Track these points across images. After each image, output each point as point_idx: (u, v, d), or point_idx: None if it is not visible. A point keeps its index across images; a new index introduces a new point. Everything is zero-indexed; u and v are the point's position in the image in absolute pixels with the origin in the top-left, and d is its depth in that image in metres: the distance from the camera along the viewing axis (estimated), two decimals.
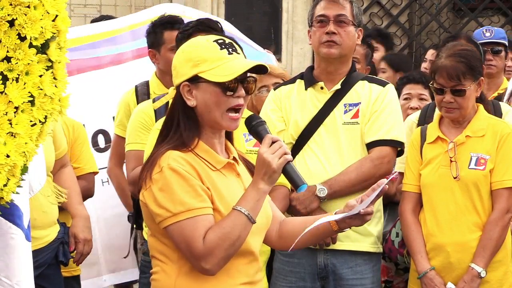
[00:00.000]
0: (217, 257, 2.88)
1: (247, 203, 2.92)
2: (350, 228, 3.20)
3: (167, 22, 5.46)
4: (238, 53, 3.02)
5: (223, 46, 2.99)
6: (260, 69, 3.03)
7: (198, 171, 2.94)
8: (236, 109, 2.99)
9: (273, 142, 2.96)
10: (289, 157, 2.97)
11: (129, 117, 5.49)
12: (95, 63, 6.16)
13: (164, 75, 5.48)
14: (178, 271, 2.96)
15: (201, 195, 2.90)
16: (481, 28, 6.53)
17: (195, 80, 2.97)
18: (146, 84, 5.57)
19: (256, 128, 3.06)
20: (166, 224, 2.90)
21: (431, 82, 4.38)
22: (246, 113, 4.36)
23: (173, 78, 3.03)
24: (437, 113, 4.79)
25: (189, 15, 6.29)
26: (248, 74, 3.01)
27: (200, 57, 2.96)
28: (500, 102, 4.85)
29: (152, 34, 5.49)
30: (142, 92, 5.53)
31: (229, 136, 3.14)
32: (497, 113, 4.62)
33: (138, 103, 5.48)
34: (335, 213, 3.17)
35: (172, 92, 3.08)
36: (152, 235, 3.04)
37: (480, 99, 4.43)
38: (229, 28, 6.54)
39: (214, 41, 3.00)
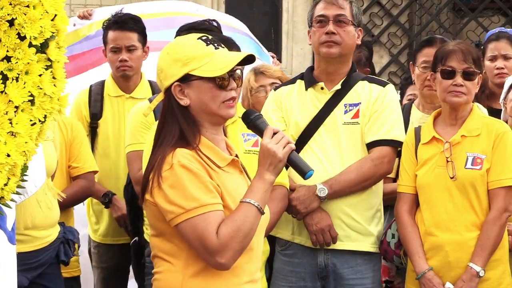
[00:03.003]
0: (232, 250, 2.88)
1: (255, 195, 2.94)
2: None
3: (114, 22, 5.42)
4: (223, 47, 3.04)
5: (208, 42, 3.01)
6: (250, 60, 3.05)
7: (207, 169, 2.94)
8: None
9: (274, 133, 2.99)
10: (293, 146, 3.00)
11: (80, 118, 5.43)
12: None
13: (117, 77, 5.46)
14: (185, 271, 2.94)
15: (212, 191, 2.91)
16: (495, 29, 6.49)
17: (186, 79, 2.97)
18: (101, 84, 5.54)
19: (254, 122, 3.08)
20: (178, 220, 2.89)
21: (437, 69, 4.37)
22: (242, 111, 4.37)
23: (161, 81, 3.02)
24: (418, 118, 4.81)
25: (202, 13, 6.26)
26: (236, 67, 3.02)
27: (188, 56, 2.96)
28: (477, 104, 4.85)
29: (104, 33, 5.47)
30: (96, 92, 5.50)
31: (224, 134, 3.15)
32: None
33: (90, 104, 5.45)
34: None
35: (160, 95, 3.07)
36: (157, 235, 3.01)
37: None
38: (232, 21, 6.50)
39: (198, 38, 3.02)
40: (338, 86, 4.44)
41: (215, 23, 4.31)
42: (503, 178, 4.24)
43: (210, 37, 3.04)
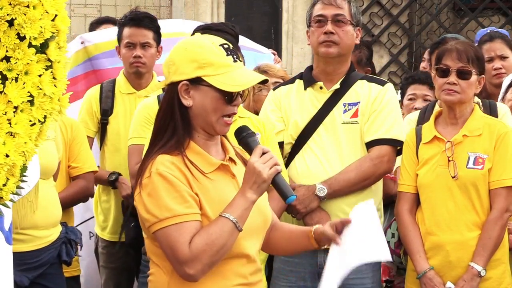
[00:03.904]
0: (202, 263, 2.86)
1: (235, 211, 2.91)
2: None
3: (130, 19, 5.45)
4: (240, 61, 3.03)
5: (229, 53, 2.98)
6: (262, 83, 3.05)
7: (187, 176, 2.92)
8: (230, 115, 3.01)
9: (263, 153, 2.96)
10: (279, 168, 2.97)
11: (90, 114, 5.48)
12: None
13: (130, 74, 5.48)
14: (171, 272, 2.95)
15: (187, 201, 2.89)
16: (485, 29, 6.49)
17: (196, 81, 2.94)
18: (113, 82, 5.56)
19: (246, 139, 3.06)
20: (153, 229, 2.90)
21: (435, 67, 4.37)
22: (242, 110, 4.38)
23: (170, 73, 2.99)
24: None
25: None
26: None
27: (206, 60, 2.93)
28: (497, 103, 4.85)
29: (119, 29, 5.50)
30: (107, 89, 5.52)
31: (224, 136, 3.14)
32: (493, 113, 4.63)
33: (101, 101, 5.48)
34: (314, 229, 3.21)
35: (160, 84, 3.06)
36: (147, 237, 3.04)
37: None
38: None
39: (220, 45, 2.98)
40: (337, 86, 4.44)
41: (233, 28, 4.33)
42: (505, 178, 4.25)
43: (231, 47, 3.01)
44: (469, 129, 4.32)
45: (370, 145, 4.38)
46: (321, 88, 4.46)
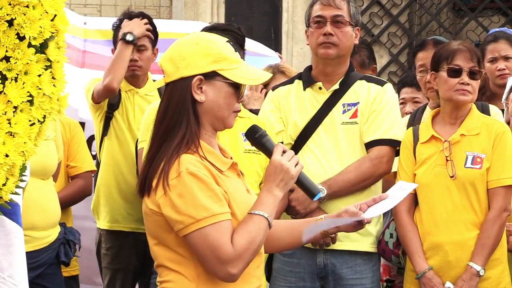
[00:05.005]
0: (245, 261, 2.82)
1: (267, 209, 2.88)
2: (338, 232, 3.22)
3: (127, 20, 5.42)
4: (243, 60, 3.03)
5: (235, 49, 2.97)
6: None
7: (213, 174, 2.86)
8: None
9: (283, 151, 2.95)
10: (303, 165, 2.98)
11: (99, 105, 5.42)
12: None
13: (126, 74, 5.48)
14: (198, 278, 2.87)
15: (221, 200, 2.83)
16: (495, 29, 6.48)
17: (210, 76, 2.89)
18: None
19: (260, 139, 3.03)
20: (188, 231, 2.79)
21: (441, 68, 4.36)
22: (242, 112, 4.38)
23: (179, 68, 2.89)
24: (426, 113, 4.81)
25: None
26: None
27: (220, 55, 2.89)
28: (489, 104, 4.86)
29: (115, 31, 5.45)
30: None
31: None
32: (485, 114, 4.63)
33: None
34: (325, 218, 3.18)
35: (160, 82, 2.97)
36: (160, 244, 2.91)
37: None
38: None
39: (227, 41, 2.97)
40: (336, 86, 4.44)
41: (239, 28, 4.32)
42: (503, 177, 4.25)
43: (235, 45, 3.00)
44: (466, 129, 4.33)
45: (369, 145, 4.38)
46: (320, 88, 4.46)
